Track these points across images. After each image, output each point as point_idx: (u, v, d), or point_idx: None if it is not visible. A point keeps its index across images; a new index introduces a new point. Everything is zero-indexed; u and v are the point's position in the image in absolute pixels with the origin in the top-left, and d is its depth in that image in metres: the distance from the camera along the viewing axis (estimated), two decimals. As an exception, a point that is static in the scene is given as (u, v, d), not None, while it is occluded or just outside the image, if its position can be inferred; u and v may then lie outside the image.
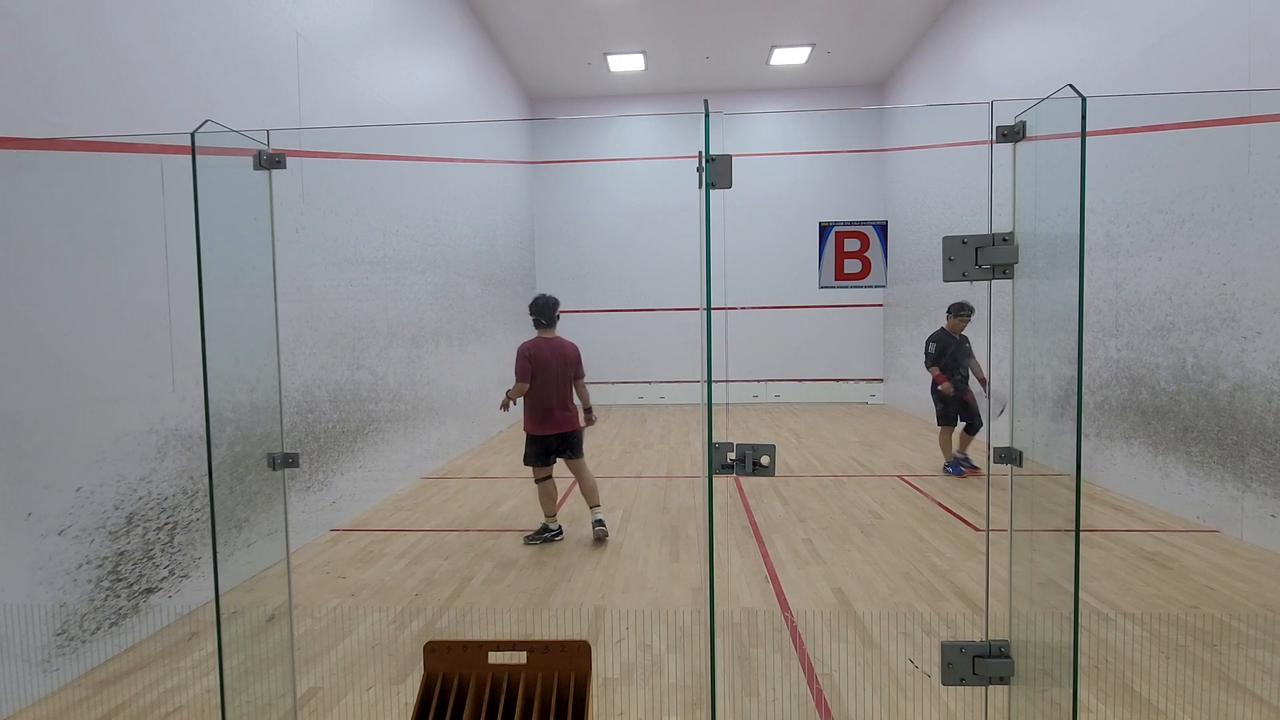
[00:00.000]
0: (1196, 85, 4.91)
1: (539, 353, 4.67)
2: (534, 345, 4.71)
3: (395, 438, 6.32)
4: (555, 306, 4.80)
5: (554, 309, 4.79)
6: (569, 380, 4.76)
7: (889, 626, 3.30)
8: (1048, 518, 1.94)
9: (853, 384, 12.63)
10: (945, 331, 6.53)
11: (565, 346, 4.79)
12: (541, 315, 4.75)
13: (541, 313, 4.76)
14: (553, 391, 4.68)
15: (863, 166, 12.53)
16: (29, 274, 2.81)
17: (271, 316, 2.25)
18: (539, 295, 4.81)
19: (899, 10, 9.58)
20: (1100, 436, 5.91)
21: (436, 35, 7.86)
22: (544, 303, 4.78)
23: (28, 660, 2.77)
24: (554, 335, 4.78)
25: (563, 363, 4.72)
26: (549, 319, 4.76)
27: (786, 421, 10.49)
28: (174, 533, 3.52)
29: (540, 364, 4.66)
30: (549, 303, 4.78)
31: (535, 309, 4.78)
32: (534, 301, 4.79)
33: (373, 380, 5.93)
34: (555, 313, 4.79)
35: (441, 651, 2.02)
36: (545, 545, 4.64)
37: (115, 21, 3.31)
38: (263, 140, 2.18)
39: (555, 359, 4.69)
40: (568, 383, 4.75)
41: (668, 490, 6.17)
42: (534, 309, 4.78)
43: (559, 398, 4.71)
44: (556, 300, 4.83)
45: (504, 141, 11.17)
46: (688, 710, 2.60)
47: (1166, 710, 2.54)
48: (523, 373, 4.65)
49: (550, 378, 4.67)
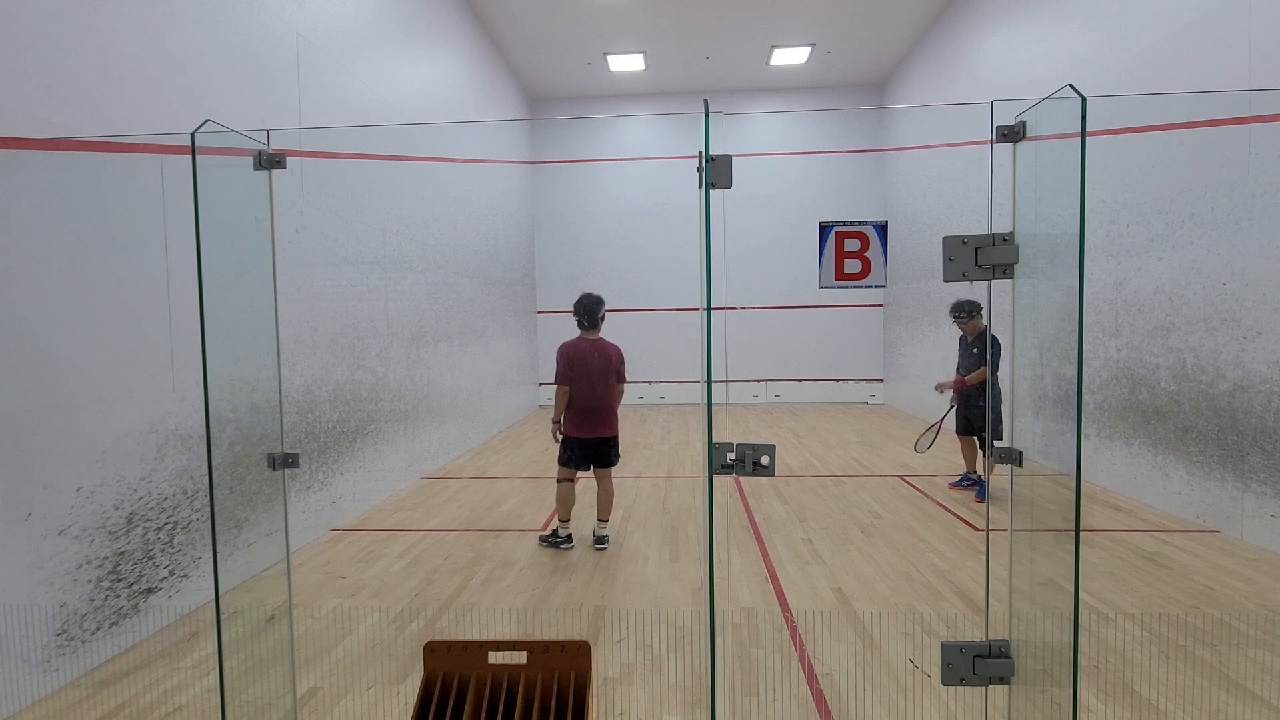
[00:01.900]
0: (1196, 85, 4.91)
1: (577, 352, 4.52)
2: (573, 345, 4.57)
3: (395, 438, 6.32)
4: (599, 307, 4.60)
5: (596, 309, 4.58)
6: (611, 381, 4.60)
7: (889, 626, 3.30)
8: (1048, 518, 1.94)
9: (853, 384, 12.63)
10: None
11: (607, 347, 4.62)
12: (584, 316, 4.58)
13: (584, 314, 4.57)
14: (594, 392, 4.52)
15: (863, 166, 12.53)
16: (29, 274, 2.81)
17: (271, 316, 2.25)
18: (583, 294, 4.62)
19: (899, 10, 9.58)
20: (1100, 436, 5.90)
21: (436, 35, 7.86)
22: (587, 303, 4.59)
23: (28, 660, 2.77)
24: (597, 336, 4.62)
25: (605, 363, 4.55)
26: (591, 320, 4.58)
27: (786, 421, 10.49)
28: (174, 533, 3.52)
29: (578, 363, 4.50)
30: (592, 303, 4.58)
31: (578, 309, 4.59)
32: (577, 301, 4.61)
33: (373, 380, 5.93)
34: (599, 313, 4.60)
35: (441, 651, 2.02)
36: (546, 547, 4.64)
37: (115, 21, 3.31)
38: (263, 140, 2.18)
39: (596, 358, 4.53)
40: (610, 384, 4.59)
41: (668, 490, 6.17)
42: (576, 309, 4.60)
43: (601, 398, 4.55)
44: (600, 299, 4.62)
45: (504, 141, 11.17)
46: (688, 710, 2.60)
47: (1166, 710, 2.54)
48: (560, 375, 4.51)
49: (591, 378, 4.50)
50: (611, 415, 4.63)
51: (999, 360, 5.16)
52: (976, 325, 5.66)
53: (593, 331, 4.60)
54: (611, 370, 4.59)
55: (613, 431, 4.64)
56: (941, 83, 9.74)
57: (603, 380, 4.55)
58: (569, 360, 4.50)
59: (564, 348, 4.55)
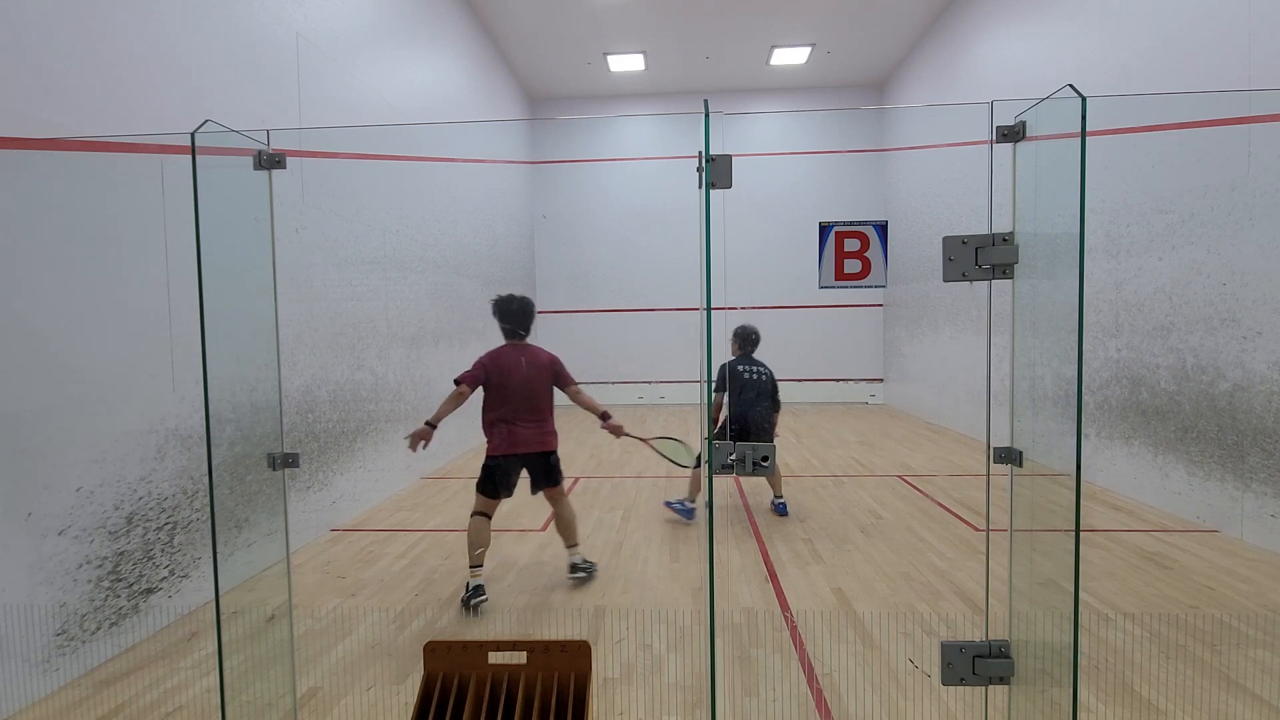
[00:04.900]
0: (1196, 85, 4.91)
1: (496, 361, 3.84)
2: (493, 353, 3.89)
3: (395, 438, 6.32)
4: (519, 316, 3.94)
5: (524, 318, 3.95)
6: (542, 392, 3.89)
7: (889, 626, 3.30)
8: (1048, 518, 1.94)
9: (853, 384, 12.63)
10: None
11: (537, 353, 3.94)
12: (515, 324, 3.94)
13: (511, 320, 3.94)
14: (515, 404, 3.81)
15: (863, 166, 12.53)
16: (29, 274, 2.81)
17: (271, 316, 2.25)
18: (505, 297, 3.97)
19: (899, 10, 9.58)
20: (1100, 436, 5.90)
21: (436, 35, 7.86)
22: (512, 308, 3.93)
23: (28, 660, 2.77)
24: (525, 344, 3.97)
25: (533, 370, 3.86)
26: (525, 329, 3.98)
27: (786, 421, 10.49)
28: (174, 533, 3.52)
29: (497, 370, 3.81)
30: (520, 309, 3.94)
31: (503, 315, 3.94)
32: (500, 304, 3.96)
33: (373, 380, 5.93)
34: (527, 322, 3.98)
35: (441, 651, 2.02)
36: (547, 546, 4.63)
37: (115, 21, 3.31)
38: (263, 140, 2.18)
39: (521, 365, 3.85)
40: (540, 395, 3.87)
41: (668, 490, 6.16)
42: (502, 315, 3.95)
43: (527, 410, 3.82)
44: (526, 302, 4.00)
45: (504, 141, 11.17)
46: (688, 710, 2.60)
47: (1166, 710, 2.54)
48: (467, 376, 3.76)
49: (511, 387, 3.80)
50: (544, 430, 3.90)
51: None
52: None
53: (519, 340, 3.96)
54: (543, 378, 3.89)
55: (546, 447, 3.88)
56: (941, 83, 9.74)
57: (530, 390, 3.84)
58: (486, 365, 3.83)
59: (484, 355, 3.89)
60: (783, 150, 12.64)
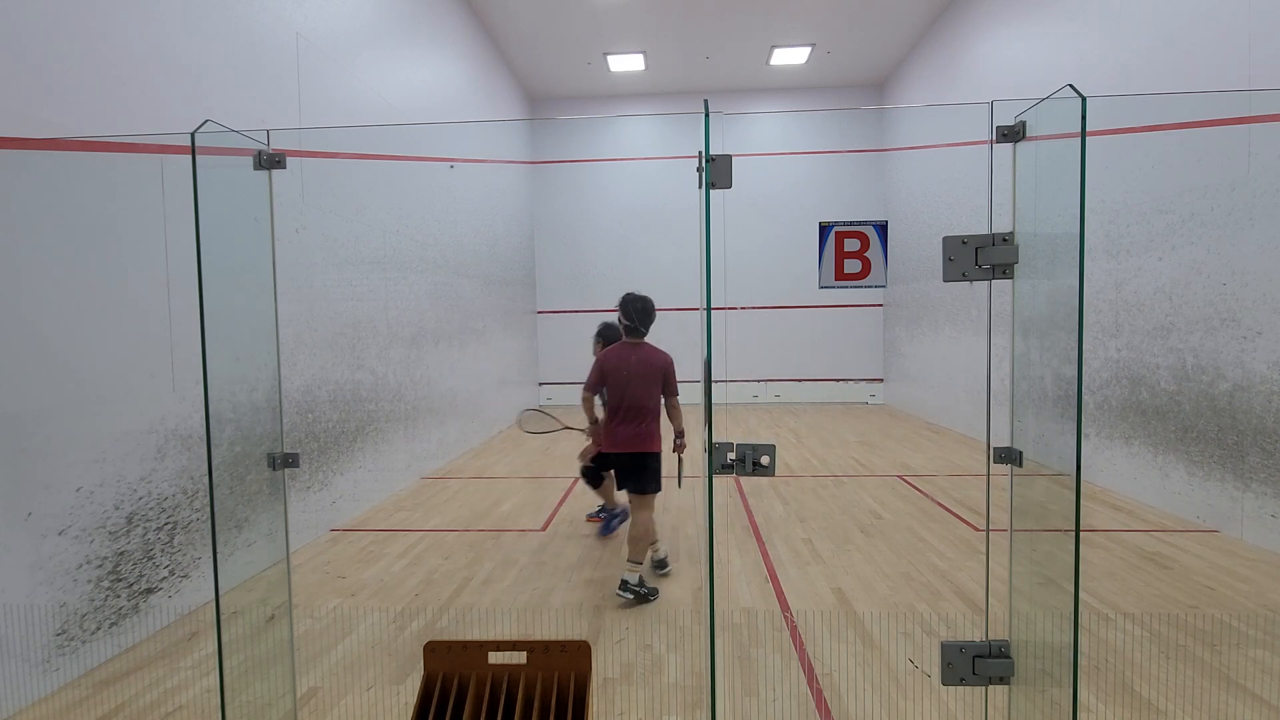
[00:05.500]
0: (1196, 85, 4.91)
1: (607, 360, 3.94)
2: (608, 352, 4.00)
3: (395, 438, 6.32)
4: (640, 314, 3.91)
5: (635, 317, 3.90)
6: (646, 391, 3.88)
7: (889, 626, 3.30)
8: (1048, 518, 1.94)
9: (853, 384, 12.64)
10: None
11: (651, 354, 3.93)
12: (635, 321, 3.92)
13: (630, 318, 3.92)
14: (618, 401, 3.90)
15: (863, 166, 12.53)
16: (30, 274, 2.81)
17: (271, 316, 2.25)
18: (628, 295, 3.97)
19: (899, 10, 9.58)
20: (1100, 436, 5.90)
21: (436, 35, 7.86)
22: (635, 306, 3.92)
23: (28, 660, 2.77)
24: (640, 343, 3.96)
25: (643, 371, 3.87)
26: (645, 326, 3.96)
27: (786, 421, 10.49)
28: (174, 533, 3.52)
29: (609, 371, 3.91)
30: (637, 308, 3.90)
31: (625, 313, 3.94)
32: (622, 302, 3.95)
33: (373, 380, 5.93)
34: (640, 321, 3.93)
35: (441, 651, 2.02)
36: (547, 546, 4.63)
37: (115, 21, 3.31)
38: (263, 140, 2.18)
39: (630, 365, 3.89)
40: (641, 394, 3.88)
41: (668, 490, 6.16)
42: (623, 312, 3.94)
43: (628, 408, 3.87)
44: (647, 301, 3.95)
45: (504, 141, 11.17)
46: (688, 710, 2.60)
47: (1166, 710, 2.54)
48: (589, 381, 3.96)
49: (618, 384, 3.89)
50: (643, 431, 3.90)
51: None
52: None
53: (636, 337, 3.98)
54: (652, 381, 3.91)
55: (642, 448, 3.89)
56: (941, 83, 9.74)
57: (635, 391, 3.89)
58: (601, 366, 3.96)
59: (601, 354, 4.03)
60: (783, 150, 12.64)
